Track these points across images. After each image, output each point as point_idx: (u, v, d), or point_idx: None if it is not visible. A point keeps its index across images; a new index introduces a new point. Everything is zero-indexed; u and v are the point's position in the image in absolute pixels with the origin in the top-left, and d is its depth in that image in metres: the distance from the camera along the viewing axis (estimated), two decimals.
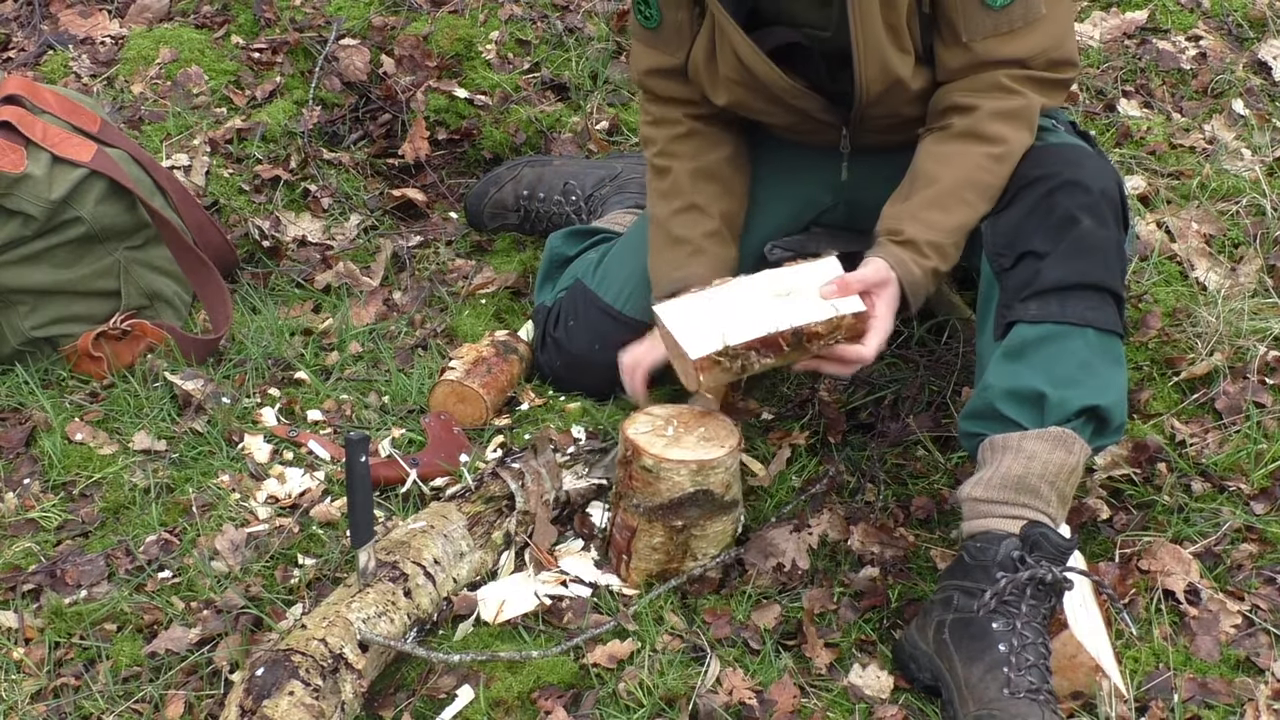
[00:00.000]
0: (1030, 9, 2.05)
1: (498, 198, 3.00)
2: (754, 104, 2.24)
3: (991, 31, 2.06)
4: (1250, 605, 2.04)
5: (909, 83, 2.12)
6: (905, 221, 2.05)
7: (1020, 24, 2.05)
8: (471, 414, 2.43)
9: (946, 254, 2.05)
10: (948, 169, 2.07)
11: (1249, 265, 2.67)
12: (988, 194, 2.06)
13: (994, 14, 2.05)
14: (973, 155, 2.05)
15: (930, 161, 2.09)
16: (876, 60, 2.10)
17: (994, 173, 2.05)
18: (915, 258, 2.02)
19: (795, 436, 2.37)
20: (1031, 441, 1.93)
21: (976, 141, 2.05)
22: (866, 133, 2.23)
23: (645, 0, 2.24)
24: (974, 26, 2.06)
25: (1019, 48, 2.06)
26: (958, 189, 2.05)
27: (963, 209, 2.05)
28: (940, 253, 2.04)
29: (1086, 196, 2.00)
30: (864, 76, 2.12)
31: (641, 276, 2.39)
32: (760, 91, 2.20)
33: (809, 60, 2.18)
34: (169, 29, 3.34)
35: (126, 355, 2.58)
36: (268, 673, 1.75)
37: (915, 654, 1.93)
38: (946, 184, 2.05)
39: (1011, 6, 2.04)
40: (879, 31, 2.07)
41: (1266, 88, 3.26)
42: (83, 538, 2.22)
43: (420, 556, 1.98)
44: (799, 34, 2.16)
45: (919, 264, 2.02)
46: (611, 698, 1.88)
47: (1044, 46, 2.07)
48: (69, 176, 2.52)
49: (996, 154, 2.04)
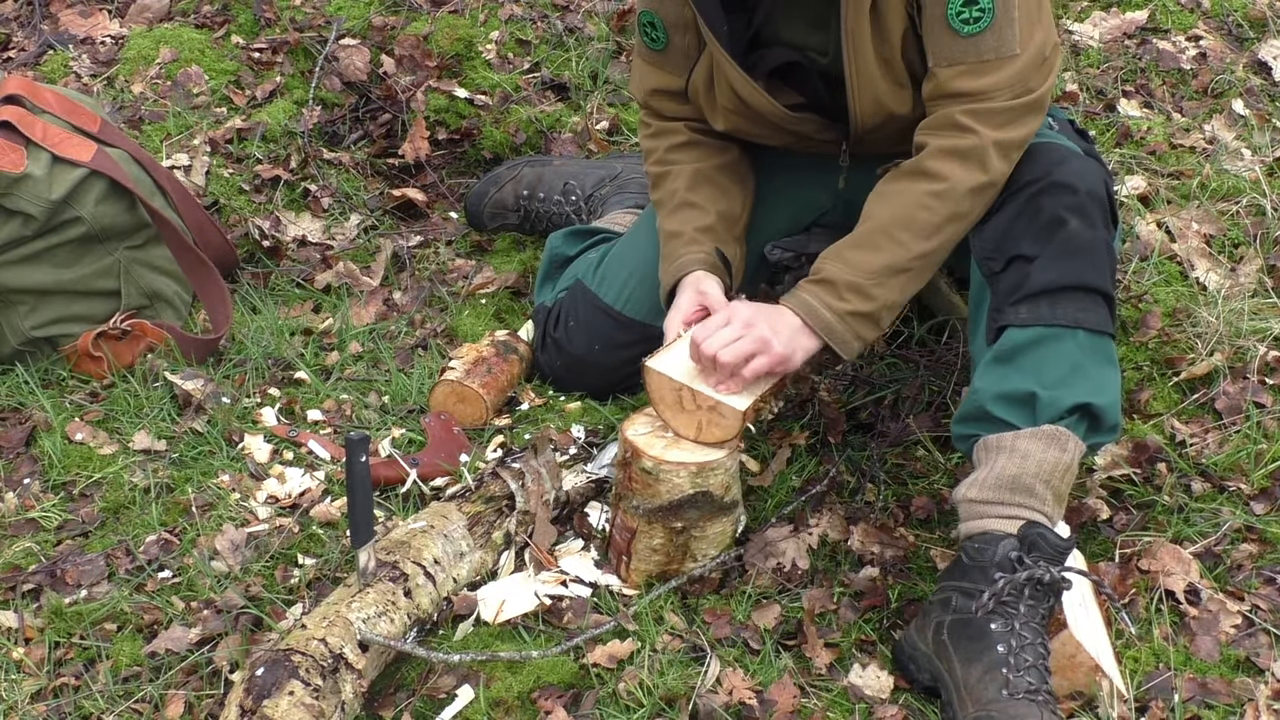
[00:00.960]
0: (1003, 43, 1.99)
1: (498, 198, 3.00)
2: (751, 130, 2.24)
3: (959, 59, 2.00)
4: (1250, 605, 2.04)
5: (905, 114, 2.12)
6: (828, 260, 2.04)
7: (991, 56, 1.99)
8: (471, 414, 2.43)
9: (870, 295, 2.01)
10: (885, 206, 2.05)
11: (1249, 265, 2.67)
12: (922, 232, 2.01)
13: (961, 41, 2.00)
14: (912, 193, 2.02)
15: (873, 199, 2.08)
16: (870, 94, 2.10)
17: (931, 209, 2.01)
18: (828, 299, 2.00)
19: (795, 436, 2.37)
20: (1025, 441, 1.93)
21: (918, 179, 2.03)
22: (866, 148, 2.23)
23: (651, 23, 2.24)
24: (939, 51, 2.02)
25: (982, 83, 2.00)
26: (887, 227, 2.02)
27: (890, 248, 2.01)
28: (859, 293, 2.00)
29: (1073, 197, 1.99)
30: (858, 109, 2.12)
31: (641, 277, 2.39)
32: (757, 120, 2.20)
33: (808, 80, 2.18)
34: (169, 29, 3.34)
35: (126, 355, 2.58)
36: (268, 673, 1.75)
37: (914, 654, 1.93)
38: (879, 222, 2.03)
39: (981, 36, 1.99)
40: (871, 65, 2.06)
41: (1266, 88, 3.26)
42: (83, 538, 2.22)
43: (420, 556, 1.99)
44: (799, 55, 2.16)
45: (830, 306, 2.00)
46: (611, 698, 1.88)
47: (1010, 83, 2.00)
48: (69, 176, 2.52)
49: (936, 190, 2.00)
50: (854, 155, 2.27)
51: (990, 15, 1.98)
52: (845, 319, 2.01)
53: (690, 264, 2.19)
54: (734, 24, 2.13)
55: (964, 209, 2.01)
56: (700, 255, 2.20)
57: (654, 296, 2.32)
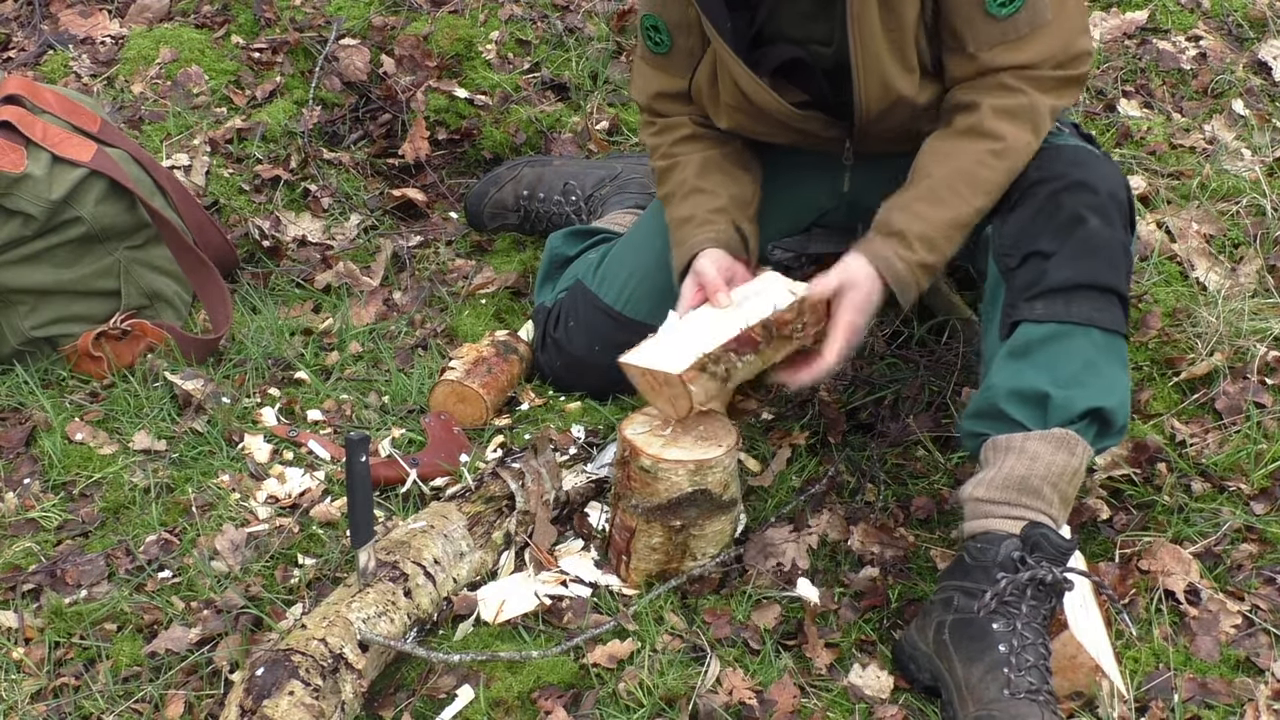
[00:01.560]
0: (1036, 14, 2.03)
1: (498, 197, 3.00)
2: (756, 128, 2.24)
3: (999, 40, 2.04)
4: (1250, 605, 2.04)
5: (913, 98, 2.12)
6: (895, 213, 2.04)
7: (1026, 30, 2.03)
8: (471, 414, 2.43)
9: (937, 247, 2.02)
10: (943, 164, 2.06)
11: (1249, 265, 2.67)
12: (983, 188, 2.03)
13: (1000, 23, 2.03)
14: (970, 150, 2.04)
15: (927, 157, 2.09)
16: (876, 77, 2.09)
17: (992, 168, 2.03)
18: (901, 250, 2.01)
19: (795, 436, 2.37)
20: (1034, 443, 1.93)
21: (976, 138, 2.04)
22: (870, 144, 2.23)
23: (655, 27, 2.23)
24: (980, 37, 2.05)
25: (1025, 55, 2.04)
26: (951, 182, 2.03)
27: (956, 202, 2.03)
28: (930, 246, 2.02)
29: (1094, 197, 2.00)
30: (863, 94, 2.12)
31: (641, 277, 2.39)
32: (761, 117, 2.20)
33: (811, 76, 2.18)
34: (169, 29, 3.34)
35: (126, 355, 2.58)
36: (268, 673, 1.75)
37: (915, 654, 1.93)
38: (939, 177, 2.04)
39: (1017, 15, 2.03)
40: (880, 48, 2.07)
41: (1266, 88, 3.26)
42: (83, 538, 2.22)
43: (420, 556, 1.98)
44: (802, 50, 2.16)
45: (904, 257, 2.01)
46: (611, 698, 1.88)
47: (1051, 51, 2.05)
48: (69, 176, 2.52)
49: (995, 149, 2.03)
50: (858, 154, 2.27)
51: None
52: (914, 270, 2.01)
53: (698, 245, 2.16)
54: (737, 21, 2.13)
55: (1018, 168, 2.04)
56: (709, 235, 2.17)
57: (654, 296, 2.32)
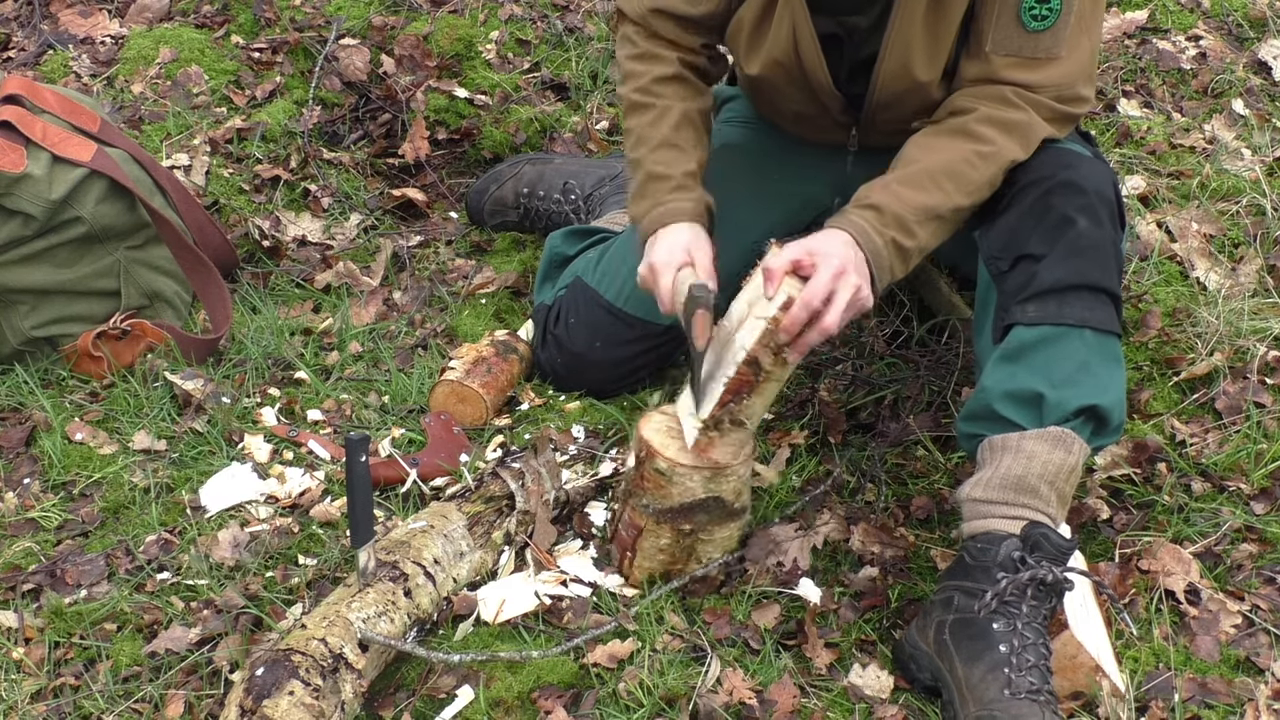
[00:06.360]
0: (1055, 44, 2.05)
1: (498, 195, 3.01)
2: (782, 85, 2.23)
3: (1015, 51, 2.05)
4: (1250, 605, 2.04)
5: (929, 90, 2.12)
6: (874, 190, 2.03)
7: (1042, 55, 2.05)
8: (471, 414, 2.43)
9: (910, 230, 1.99)
10: (928, 155, 2.05)
11: (1249, 265, 2.68)
12: (964, 187, 2.03)
13: (1025, 35, 2.05)
14: (959, 148, 2.04)
15: (914, 148, 2.09)
16: (900, 58, 2.10)
17: (976, 167, 2.03)
18: (876, 224, 1.98)
19: (795, 436, 2.37)
20: (1030, 442, 1.93)
21: (965, 138, 2.04)
22: (874, 134, 2.23)
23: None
24: (999, 39, 2.06)
25: (1033, 76, 2.06)
26: (934, 173, 2.03)
27: (935, 192, 2.02)
28: (902, 227, 1.99)
29: (1082, 197, 2.00)
30: (882, 71, 2.11)
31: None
32: (794, 79, 2.19)
33: (840, 59, 2.18)
34: (169, 29, 3.34)
35: (126, 355, 2.58)
36: (268, 672, 1.75)
37: (915, 654, 1.93)
38: (924, 166, 2.04)
39: (1043, 34, 2.04)
40: (913, 32, 2.07)
41: (1266, 88, 3.26)
42: (83, 538, 2.22)
43: (420, 556, 1.98)
44: (837, 25, 2.15)
45: (879, 231, 1.97)
46: (611, 698, 1.88)
47: (1056, 82, 2.06)
48: (69, 176, 2.52)
49: (982, 151, 2.03)
50: (862, 144, 2.27)
51: (1056, 15, 2.03)
52: (889, 246, 1.98)
53: (678, 213, 2.13)
54: None
55: (998, 179, 2.04)
56: (688, 205, 2.14)
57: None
